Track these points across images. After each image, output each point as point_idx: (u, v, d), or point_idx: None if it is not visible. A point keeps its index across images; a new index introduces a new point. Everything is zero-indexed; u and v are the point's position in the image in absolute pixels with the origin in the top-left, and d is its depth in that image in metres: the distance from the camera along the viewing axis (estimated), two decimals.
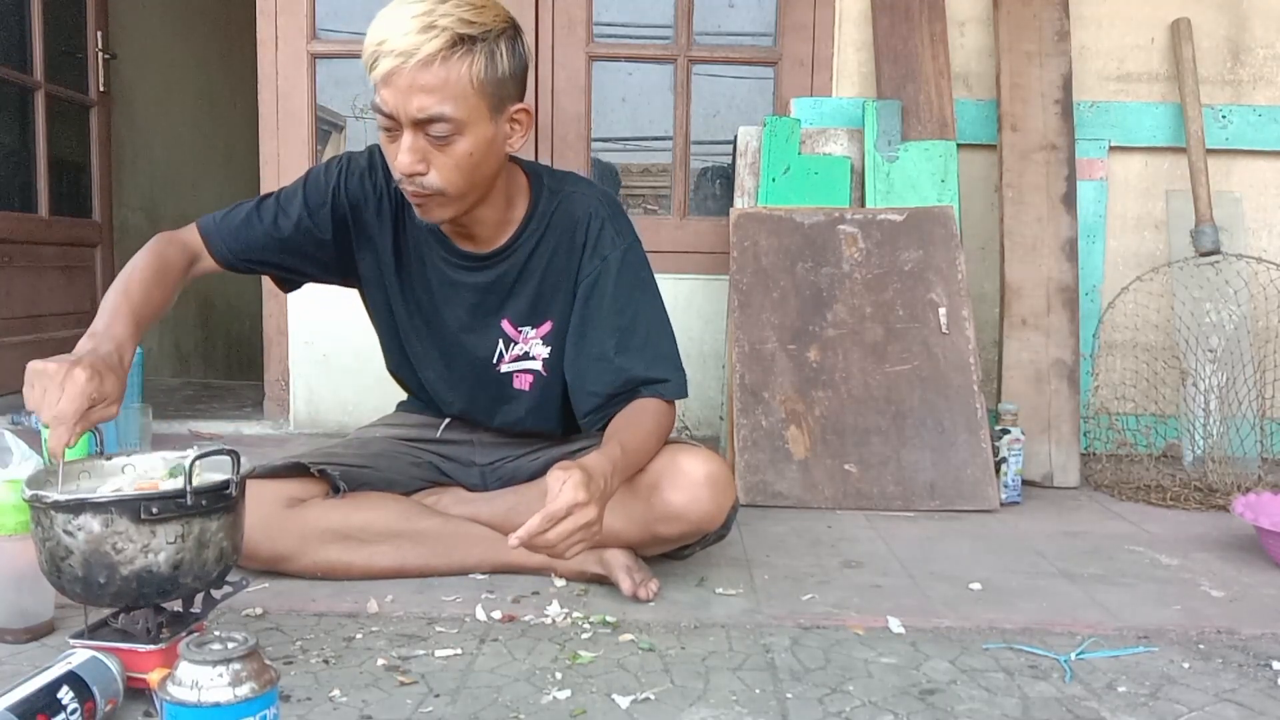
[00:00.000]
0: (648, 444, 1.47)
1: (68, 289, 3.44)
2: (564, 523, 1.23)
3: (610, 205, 1.58)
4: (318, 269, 1.60)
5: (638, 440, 1.45)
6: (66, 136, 3.47)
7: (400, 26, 1.31)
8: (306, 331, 2.81)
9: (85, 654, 1.04)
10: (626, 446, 1.41)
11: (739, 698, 1.16)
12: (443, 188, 1.39)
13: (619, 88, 2.94)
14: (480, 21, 1.34)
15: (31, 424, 2.50)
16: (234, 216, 1.54)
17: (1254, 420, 2.49)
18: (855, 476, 2.15)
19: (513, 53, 1.39)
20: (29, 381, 1.18)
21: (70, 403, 1.16)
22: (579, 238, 1.54)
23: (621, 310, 1.53)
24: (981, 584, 1.60)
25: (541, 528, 1.23)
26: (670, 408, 1.53)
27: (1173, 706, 1.17)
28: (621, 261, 1.54)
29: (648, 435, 1.47)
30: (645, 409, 1.50)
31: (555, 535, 1.23)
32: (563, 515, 1.23)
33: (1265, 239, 2.77)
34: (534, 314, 1.58)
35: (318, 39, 2.81)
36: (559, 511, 1.23)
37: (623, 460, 1.38)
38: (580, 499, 1.23)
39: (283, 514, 1.49)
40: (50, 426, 1.15)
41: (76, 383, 1.17)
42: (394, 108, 1.34)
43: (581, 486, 1.24)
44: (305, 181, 1.56)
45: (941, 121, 2.61)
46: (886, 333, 2.30)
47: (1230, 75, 2.73)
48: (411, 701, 1.12)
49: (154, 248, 1.46)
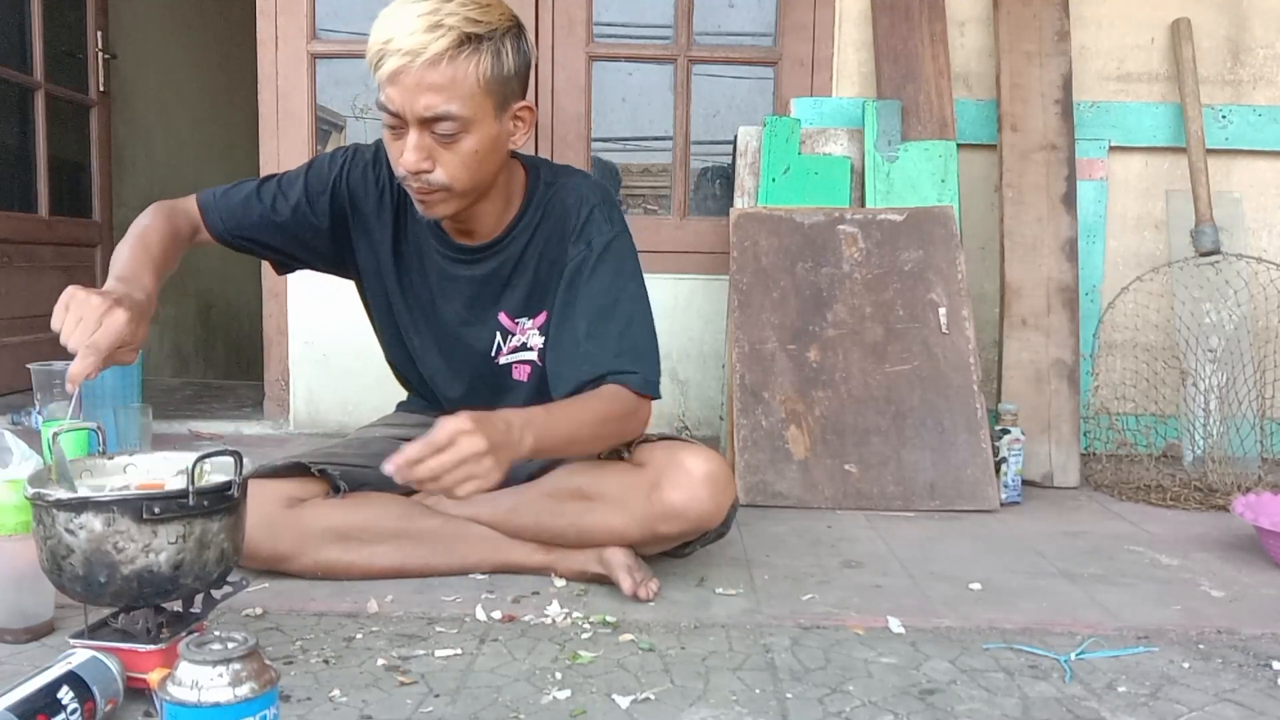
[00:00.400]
0: (586, 417, 1.40)
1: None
2: (447, 452, 1.17)
3: (602, 194, 1.57)
4: (311, 255, 1.61)
5: (571, 410, 1.40)
6: (66, 136, 3.47)
7: (406, 25, 1.32)
8: (306, 331, 2.81)
9: (85, 654, 1.04)
10: (553, 410, 1.37)
11: (739, 698, 1.16)
12: (448, 184, 1.39)
13: (619, 88, 2.94)
14: (486, 20, 1.35)
15: (32, 424, 2.50)
16: (235, 194, 1.55)
17: (1254, 420, 2.49)
18: (855, 476, 2.15)
19: (517, 51, 1.40)
20: (64, 305, 1.19)
21: (106, 337, 1.18)
22: (570, 224, 1.53)
23: (599, 295, 1.49)
24: (981, 584, 1.60)
25: (420, 454, 1.17)
26: (634, 397, 1.46)
27: (1173, 706, 1.17)
28: (606, 248, 1.51)
29: (589, 411, 1.41)
30: (602, 393, 1.44)
31: (437, 464, 1.17)
32: (444, 444, 1.17)
33: (1265, 239, 2.77)
34: (529, 305, 1.58)
35: (318, 39, 2.81)
36: (439, 439, 1.17)
37: (542, 418, 1.32)
38: (465, 427, 1.18)
39: (283, 514, 1.49)
40: (79, 354, 1.16)
41: (117, 321, 1.19)
42: (400, 106, 1.34)
43: (466, 417, 1.20)
44: (309, 168, 1.58)
45: (941, 121, 2.61)
46: (886, 333, 2.30)
47: (1230, 75, 2.73)
48: (411, 701, 1.12)
49: (161, 212, 1.48)
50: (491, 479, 1.21)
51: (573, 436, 1.38)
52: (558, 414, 1.38)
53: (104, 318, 1.18)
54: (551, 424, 1.34)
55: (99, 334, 1.17)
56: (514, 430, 1.26)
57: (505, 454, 1.23)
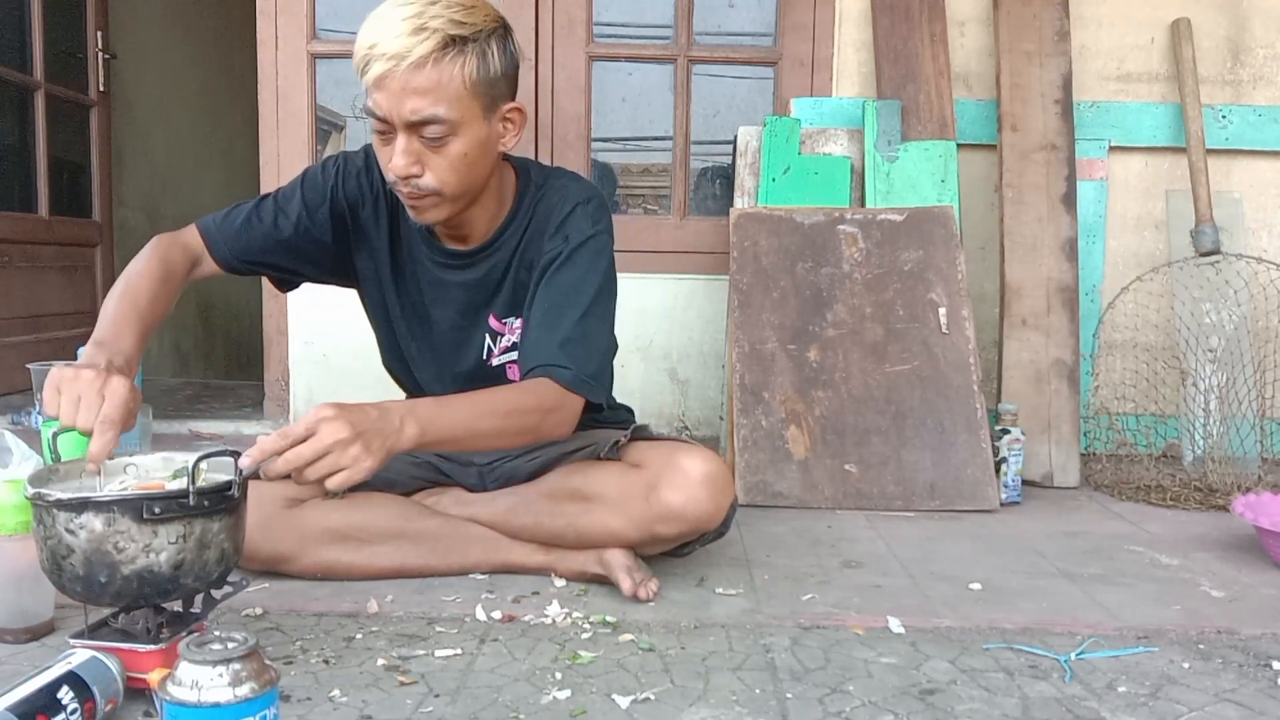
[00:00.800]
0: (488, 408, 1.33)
1: (68, 289, 3.44)
2: (307, 443, 1.12)
3: (590, 194, 1.55)
4: (317, 269, 1.60)
5: (472, 400, 1.34)
6: (66, 136, 3.47)
7: (391, 29, 1.31)
8: (306, 331, 2.81)
9: (85, 654, 1.04)
10: (451, 401, 1.32)
11: (739, 698, 1.16)
12: (438, 188, 1.39)
13: (619, 88, 2.94)
14: (471, 22, 1.35)
15: (32, 423, 2.50)
16: (234, 218, 1.53)
17: (1254, 420, 2.49)
18: (855, 476, 2.15)
19: (504, 52, 1.39)
20: (54, 388, 1.15)
21: (115, 409, 1.14)
22: (553, 221, 1.52)
23: (562, 288, 1.46)
24: (981, 584, 1.60)
25: (276, 446, 1.11)
26: (560, 392, 1.39)
27: (1173, 706, 1.17)
28: (581, 245, 1.48)
29: (498, 401, 1.35)
30: (525, 384, 1.40)
31: (295, 455, 1.11)
32: (302, 435, 1.12)
33: (1265, 239, 2.77)
34: (516, 304, 1.57)
35: (318, 39, 2.81)
36: (296, 430, 1.12)
37: (433, 409, 1.28)
38: (325, 414, 1.13)
39: (283, 514, 1.49)
40: (95, 433, 1.12)
41: (119, 391, 1.15)
42: (387, 111, 1.34)
43: (327, 405, 1.15)
44: (303, 181, 1.56)
45: (941, 121, 2.61)
46: (886, 333, 2.30)
47: (1230, 75, 2.73)
48: (411, 701, 1.12)
49: (156, 251, 1.45)
50: (361, 468, 1.14)
51: (471, 428, 1.30)
52: (456, 404, 1.32)
53: (104, 390, 1.14)
54: (443, 413, 1.28)
55: (106, 408, 1.14)
56: (390, 417, 1.20)
57: (378, 442, 1.16)
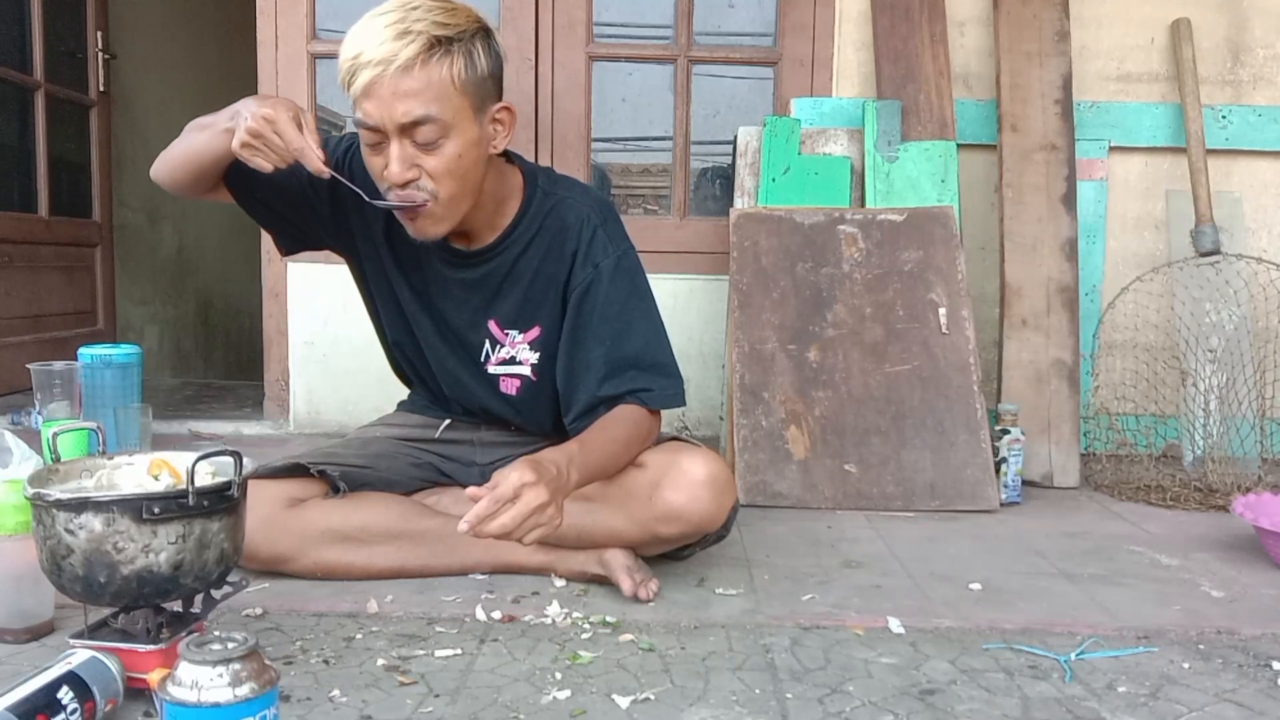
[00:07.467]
0: (614, 446, 1.45)
1: (67, 289, 3.44)
2: (515, 506, 1.21)
3: (604, 212, 1.58)
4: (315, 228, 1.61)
5: (602, 440, 1.44)
6: (66, 136, 3.47)
7: (375, 37, 1.32)
8: (306, 331, 2.81)
9: (85, 654, 1.04)
10: (587, 443, 1.40)
11: (739, 698, 1.16)
12: (435, 192, 1.39)
13: (619, 88, 2.93)
14: (454, 23, 1.35)
15: (32, 424, 2.50)
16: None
17: (1254, 420, 2.49)
18: (855, 476, 2.15)
19: (489, 52, 1.40)
20: (255, 133, 1.35)
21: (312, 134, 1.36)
22: (570, 245, 1.53)
23: (614, 318, 1.52)
24: (981, 584, 1.60)
25: (488, 510, 1.20)
26: (648, 415, 1.51)
27: (1173, 706, 1.17)
28: (615, 268, 1.52)
29: (614, 438, 1.46)
30: (620, 415, 1.48)
31: (509, 519, 1.20)
32: (510, 497, 1.20)
33: (1265, 239, 2.77)
34: (521, 318, 1.58)
35: (318, 39, 2.81)
36: (505, 493, 1.20)
37: (580, 454, 1.36)
38: (528, 479, 1.21)
39: (283, 514, 1.49)
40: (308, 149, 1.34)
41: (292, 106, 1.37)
42: (379, 118, 1.34)
43: (528, 468, 1.23)
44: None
45: (941, 121, 2.61)
46: (886, 333, 2.30)
47: (1230, 75, 2.73)
48: (411, 701, 1.12)
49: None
50: (554, 525, 1.25)
51: (604, 466, 1.43)
52: (591, 446, 1.41)
53: (298, 117, 1.36)
54: (589, 457, 1.38)
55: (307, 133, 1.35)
56: (564, 472, 1.29)
57: (561, 497, 1.27)
